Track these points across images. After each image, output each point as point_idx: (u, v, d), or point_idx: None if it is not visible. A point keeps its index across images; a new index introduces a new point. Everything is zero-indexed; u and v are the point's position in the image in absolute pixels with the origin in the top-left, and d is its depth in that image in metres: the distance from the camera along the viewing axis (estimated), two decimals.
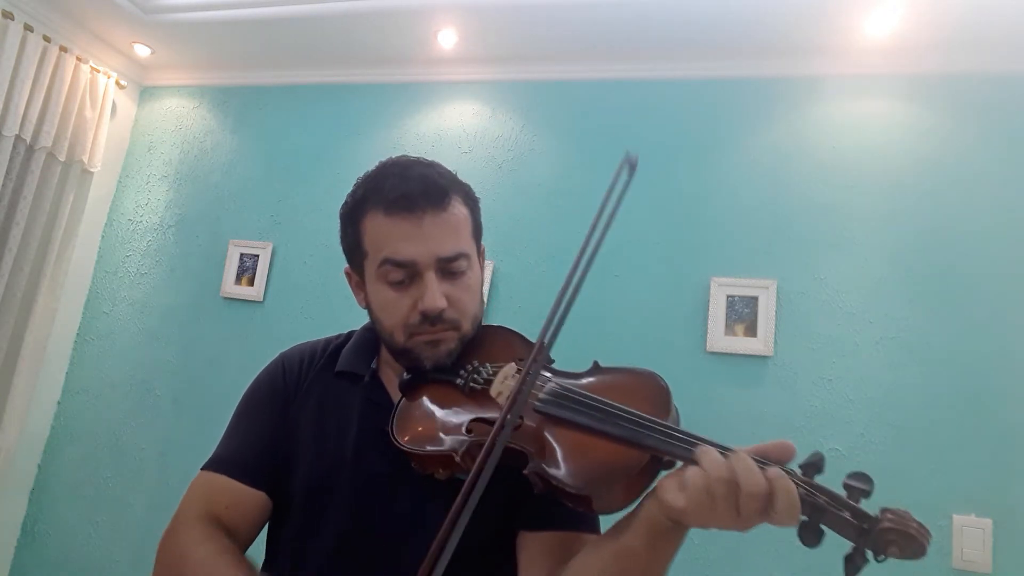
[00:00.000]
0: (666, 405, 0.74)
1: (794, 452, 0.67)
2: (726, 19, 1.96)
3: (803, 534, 0.62)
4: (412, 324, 0.85)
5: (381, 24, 2.24)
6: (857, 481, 0.62)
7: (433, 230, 0.85)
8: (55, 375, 2.61)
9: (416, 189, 0.86)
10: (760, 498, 0.61)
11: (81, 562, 2.42)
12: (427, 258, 0.84)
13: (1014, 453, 1.66)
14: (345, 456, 0.88)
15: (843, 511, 0.61)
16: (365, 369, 0.95)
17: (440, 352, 0.86)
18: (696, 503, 0.63)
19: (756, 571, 1.77)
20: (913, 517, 0.60)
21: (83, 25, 2.53)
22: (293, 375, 0.98)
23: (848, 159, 1.95)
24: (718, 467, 0.63)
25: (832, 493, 0.62)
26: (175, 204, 2.68)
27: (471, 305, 0.89)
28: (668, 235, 2.06)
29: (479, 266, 0.93)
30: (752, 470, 0.62)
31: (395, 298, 0.86)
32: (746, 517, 0.62)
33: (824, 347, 1.85)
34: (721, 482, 0.62)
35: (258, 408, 0.97)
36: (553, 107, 2.29)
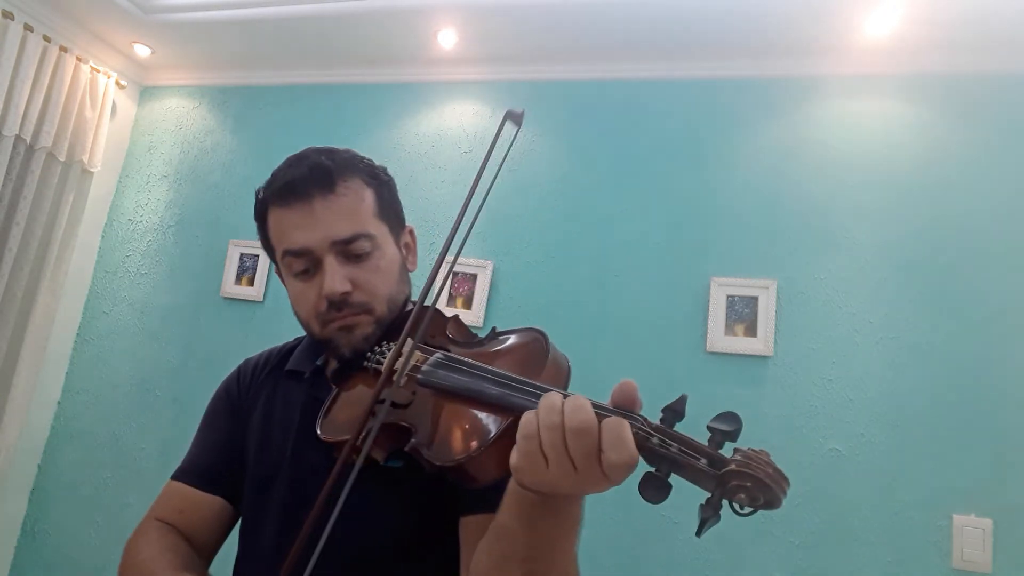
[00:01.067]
0: (540, 360, 0.70)
1: (633, 387, 0.59)
2: (726, 19, 1.96)
3: (644, 488, 0.54)
4: (322, 312, 0.84)
5: (381, 24, 2.24)
6: (721, 422, 0.55)
7: (324, 214, 0.83)
8: (55, 375, 2.61)
9: (301, 175, 0.85)
10: (588, 437, 0.55)
11: (81, 562, 2.42)
12: (321, 243, 0.83)
13: (1014, 453, 1.66)
14: (286, 450, 0.89)
15: (699, 459, 0.54)
16: (308, 366, 0.95)
17: (355, 337, 0.85)
18: (524, 452, 0.57)
19: (756, 571, 1.77)
20: (771, 461, 0.52)
21: (83, 25, 2.53)
22: (246, 380, 1.01)
23: (848, 159, 1.95)
24: (548, 409, 0.57)
25: (687, 439, 0.56)
26: (175, 204, 2.68)
27: (382, 287, 0.86)
28: (668, 235, 2.06)
29: (394, 247, 0.91)
30: (581, 407, 0.56)
31: (303, 288, 0.86)
32: (582, 467, 0.55)
33: (824, 347, 1.85)
34: (546, 425, 0.56)
35: (214, 417, 1.01)
36: (553, 107, 2.29)
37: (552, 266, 2.13)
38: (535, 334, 0.76)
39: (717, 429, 0.55)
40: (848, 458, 1.76)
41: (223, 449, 0.96)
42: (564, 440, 0.55)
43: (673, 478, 0.56)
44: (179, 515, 0.91)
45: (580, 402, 0.57)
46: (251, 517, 0.91)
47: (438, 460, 0.65)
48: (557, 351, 0.73)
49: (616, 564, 1.85)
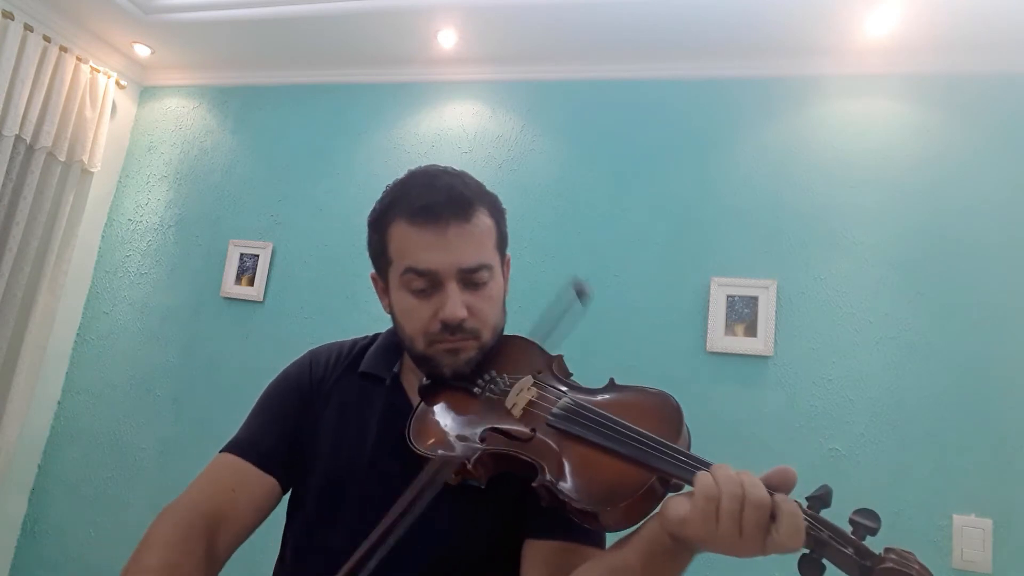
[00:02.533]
0: (677, 426, 0.74)
1: (795, 476, 0.66)
2: (726, 19, 1.96)
3: (803, 567, 0.62)
4: (432, 332, 0.87)
5: (381, 24, 2.24)
6: (863, 518, 0.63)
7: (456, 241, 0.86)
8: (55, 375, 2.61)
9: (441, 199, 0.87)
10: (763, 511, 0.61)
11: (81, 562, 2.42)
12: (449, 268, 0.85)
13: (1014, 453, 1.67)
14: (362, 457, 0.90)
15: (847, 547, 0.61)
16: (387, 372, 0.96)
17: (459, 361, 0.87)
18: (701, 511, 0.63)
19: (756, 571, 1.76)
20: (916, 559, 0.59)
21: (83, 25, 2.53)
22: (319, 372, 1.00)
23: (848, 159, 1.95)
24: (727, 478, 0.63)
25: (837, 528, 0.62)
26: (175, 204, 2.68)
27: (492, 316, 0.90)
28: (668, 235, 2.06)
29: (502, 276, 0.95)
30: (757, 484, 0.63)
31: (416, 306, 0.87)
32: (748, 535, 0.62)
33: (824, 347, 1.85)
34: (728, 494, 0.62)
35: (281, 399, 0.99)
36: (553, 107, 2.29)
37: (552, 266, 2.13)
38: (670, 399, 0.79)
39: (860, 523, 0.62)
40: (848, 458, 1.76)
41: (285, 435, 0.95)
42: (742, 510, 0.62)
43: None
44: (231, 493, 0.90)
45: (755, 479, 0.64)
46: (317, 516, 0.91)
47: (577, 503, 0.69)
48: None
49: None
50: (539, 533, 0.83)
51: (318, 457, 0.93)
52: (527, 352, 0.92)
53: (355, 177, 2.44)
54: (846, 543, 0.61)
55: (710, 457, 0.68)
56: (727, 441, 1.83)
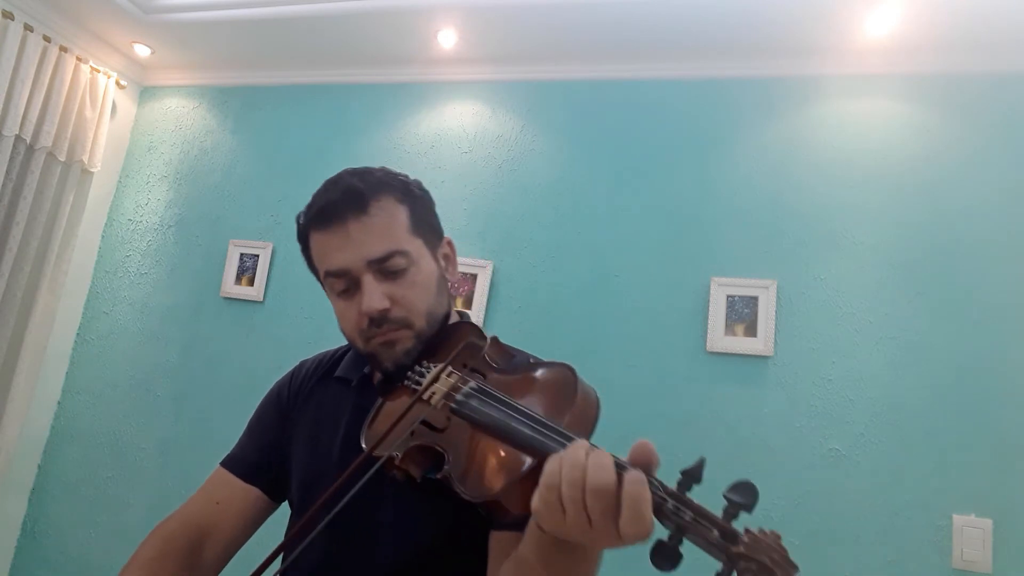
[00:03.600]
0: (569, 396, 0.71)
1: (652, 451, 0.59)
2: (726, 19, 1.96)
3: (655, 553, 0.54)
4: (364, 329, 0.88)
5: (381, 24, 2.24)
6: (737, 494, 0.54)
7: (358, 235, 0.87)
8: (55, 375, 2.61)
9: (336, 198, 0.88)
10: (606, 499, 0.56)
11: (81, 562, 2.42)
12: (358, 263, 0.86)
13: (1014, 453, 1.66)
14: (331, 457, 0.92)
15: (712, 529, 0.53)
16: (355, 374, 0.98)
17: (397, 353, 0.88)
18: (544, 499, 0.59)
19: None
20: (778, 545, 0.52)
21: (83, 25, 2.53)
22: (298, 382, 1.05)
23: (848, 159, 1.95)
24: (568, 465, 0.58)
25: (701, 508, 0.55)
26: (175, 204, 2.68)
27: (420, 302, 0.89)
28: (668, 235, 2.06)
29: (431, 261, 0.93)
30: (603, 467, 0.57)
31: (345, 307, 0.90)
32: (597, 525, 0.56)
33: (824, 347, 1.85)
34: (568, 480, 0.57)
35: (265, 414, 1.05)
36: (553, 107, 2.29)
37: (552, 266, 2.13)
38: (565, 371, 0.76)
39: (732, 500, 0.54)
40: (848, 458, 1.76)
41: (267, 446, 1.00)
42: (584, 498, 0.56)
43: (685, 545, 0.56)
44: (216, 506, 0.96)
45: (603, 461, 0.57)
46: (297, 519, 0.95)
47: (467, 494, 0.67)
48: (586, 387, 0.74)
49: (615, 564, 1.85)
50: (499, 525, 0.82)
51: (297, 462, 0.97)
52: (462, 337, 0.89)
53: None
54: (712, 524, 0.53)
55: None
56: (727, 441, 1.83)
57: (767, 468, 1.79)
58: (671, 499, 0.56)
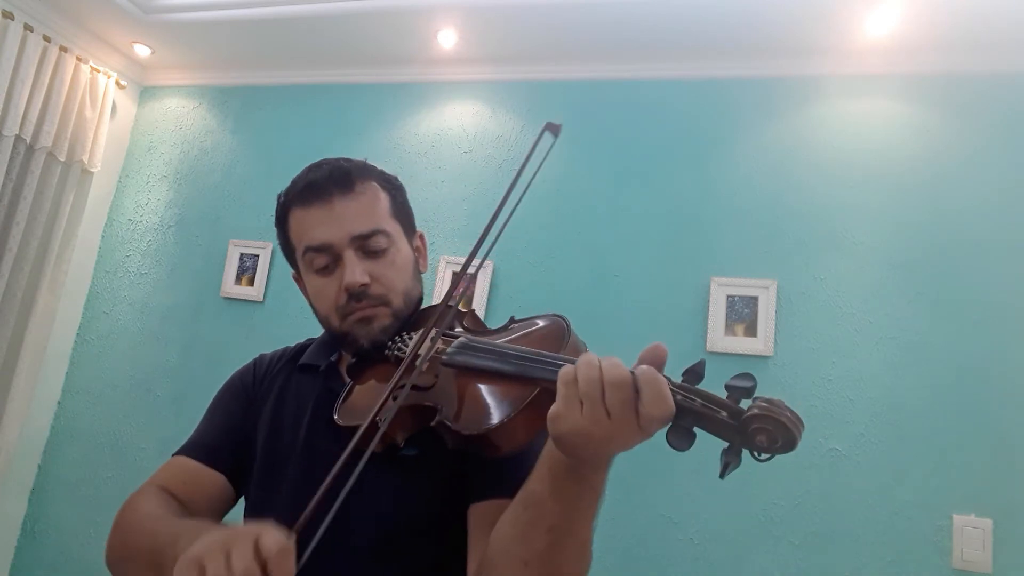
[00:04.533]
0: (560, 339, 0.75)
1: (665, 352, 0.65)
2: (726, 19, 1.96)
3: (671, 435, 0.60)
4: (342, 305, 0.88)
5: (381, 24, 2.24)
6: (740, 380, 0.61)
7: (344, 211, 0.89)
8: (55, 375, 2.61)
9: (322, 176, 0.91)
10: (623, 388, 0.59)
11: (81, 562, 2.42)
12: (341, 238, 0.88)
13: (1014, 453, 1.66)
14: (297, 438, 0.92)
15: (720, 411, 0.59)
16: (323, 360, 0.99)
17: (374, 329, 0.88)
18: (564, 399, 0.61)
19: (756, 571, 1.77)
20: (787, 406, 0.58)
21: (83, 25, 2.53)
22: (261, 372, 1.05)
23: (848, 159, 1.95)
24: (583, 365, 0.62)
25: (708, 394, 0.61)
26: (175, 204, 2.68)
27: (398, 281, 0.91)
28: (668, 235, 2.06)
29: (407, 247, 0.95)
30: (615, 364, 0.61)
31: (323, 284, 0.90)
32: (616, 416, 0.60)
33: (824, 347, 1.85)
34: (585, 378, 0.60)
35: (225, 400, 1.05)
36: (553, 107, 2.29)
37: (552, 266, 2.13)
38: (557, 318, 0.80)
39: (735, 386, 0.61)
40: (848, 458, 1.76)
41: (230, 430, 0.99)
42: (602, 391, 0.60)
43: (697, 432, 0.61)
44: (182, 486, 0.94)
45: (614, 360, 0.62)
46: (259, 500, 0.94)
47: (466, 430, 0.69)
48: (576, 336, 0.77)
49: (615, 564, 1.85)
50: (480, 495, 0.82)
51: (259, 446, 0.96)
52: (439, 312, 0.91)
53: None
54: (719, 407, 0.59)
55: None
56: None
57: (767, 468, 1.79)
58: (680, 391, 0.61)
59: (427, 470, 0.84)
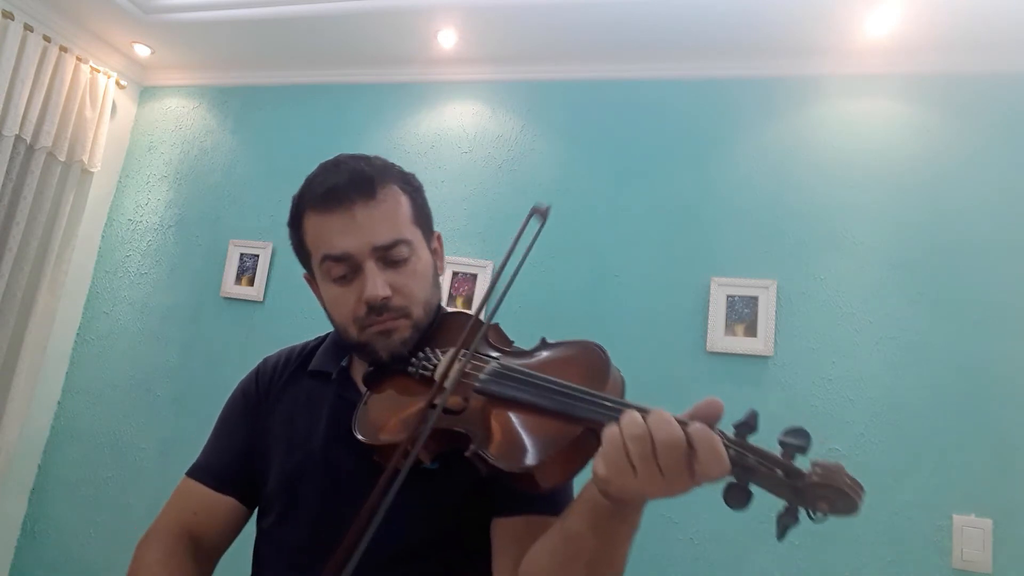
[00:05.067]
0: (604, 375, 0.72)
1: (721, 408, 0.63)
2: (726, 19, 1.96)
3: (728, 496, 0.59)
4: (360, 317, 0.86)
5: (381, 24, 2.24)
6: (792, 437, 0.59)
7: (365, 220, 0.85)
8: (55, 375, 2.61)
9: (343, 182, 0.86)
10: (677, 448, 0.58)
11: (81, 562, 2.42)
12: (362, 248, 0.84)
13: (1014, 453, 1.66)
14: (314, 451, 0.90)
15: (775, 469, 0.58)
16: (334, 367, 0.96)
17: (394, 341, 0.86)
18: (614, 464, 0.60)
19: (756, 571, 1.77)
20: (846, 472, 0.57)
21: (83, 25, 2.53)
22: (265, 380, 1.01)
23: (848, 159, 1.95)
24: (631, 423, 0.60)
25: (763, 451, 0.59)
26: (175, 204, 2.68)
27: (419, 291, 0.88)
28: (668, 235, 2.06)
29: (427, 252, 0.92)
30: (666, 421, 0.60)
31: (341, 293, 0.87)
32: (670, 476, 0.59)
33: (824, 347, 1.85)
34: (635, 438, 0.59)
35: (232, 417, 1.01)
36: (553, 107, 2.29)
37: (552, 266, 2.13)
38: (595, 347, 0.77)
39: (789, 443, 0.59)
40: (848, 458, 1.76)
41: (238, 452, 0.97)
42: (654, 452, 0.59)
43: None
44: (193, 517, 0.93)
45: (664, 416, 0.60)
46: (277, 516, 0.91)
47: (507, 466, 0.67)
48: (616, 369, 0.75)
49: None
50: (505, 511, 0.82)
51: (273, 460, 0.93)
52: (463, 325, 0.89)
53: None
54: (774, 465, 0.58)
55: None
56: None
57: None
58: (734, 446, 0.59)
59: (447, 484, 0.83)
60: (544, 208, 0.79)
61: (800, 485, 0.57)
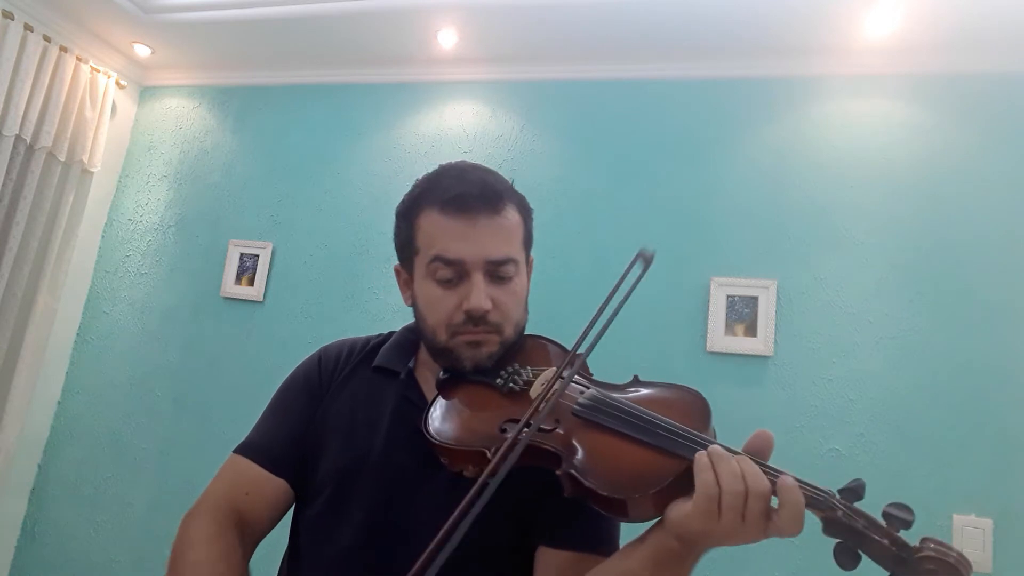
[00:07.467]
0: (705, 420, 0.75)
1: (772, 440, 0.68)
2: (726, 19, 1.96)
3: (840, 556, 0.63)
4: (455, 323, 0.87)
5: (381, 24, 2.24)
6: (898, 511, 0.63)
7: (485, 232, 0.87)
8: (55, 375, 2.61)
9: (473, 191, 0.87)
10: (764, 498, 0.62)
11: (81, 562, 2.42)
12: (477, 259, 0.86)
13: (1014, 453, 1.67)
14: (374, 448, 0.90)
15: (882, 538, 0.61)
16: (402, 367, 0.96)
17: (481, 354, 0.87)
18: (704, 513, 0.64)
19: (756, 571, 1.77)
20: (953, 547, 0.60)
21: (83, 25, 2.53)
22: (329, 368, 1.00)
23: (848, 159, 1.95)
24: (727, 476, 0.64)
25: (871, 519, 0.63)
26: (175, 204, 2.68)
27: (515, 311, 0.90)
28: (668, 235, 2.06)
29: (527, 275, 0.95)
30: (759, 476, 0.64)
31: (442, 296, 0.88)
32: (750, 522, 0.63)
33: (824, 347, 1.85)
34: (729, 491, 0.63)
35: (292, 399, 0.99)
36: (553, 107, 2.29)
37: (552, 266, 2.13)
38: (698, 394, 0.80)
39: (895, 516, 0.62)
40: (848, 458, 1.76)
41: (296, 434, 0.95)
42: (744, 504, 0.63)
43: None
44: (245, 497, 0.91)
45: (753, 468, 0.65)
46: (324, 508, 0.91)
47: (602, 490, 0.69)
48: None
49: None
50: (554, 542, 0.83)
51: (328, 450, 0.93)
52: (546, 348, 0.93)
53: (355, 177, 2.44)
54: (882, 534, 0.61)
55: None
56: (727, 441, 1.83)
57: None
58: (843, 507, 0.63)
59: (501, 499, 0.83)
60: (650, 254, 0.84)
61: (907, 557, 0.60)
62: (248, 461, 0.93)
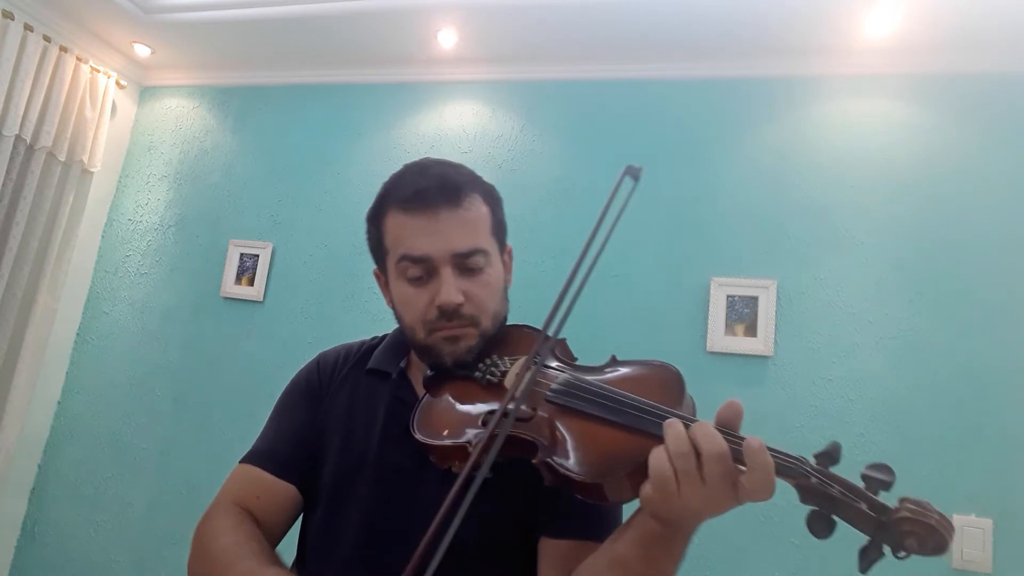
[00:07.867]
0: (679, 394, 0.74)
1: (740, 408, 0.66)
2: (726, 19, 1.96)
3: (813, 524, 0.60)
4: (430, 320, 0.87)
5: (381, 24, 2.24)
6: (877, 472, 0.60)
7: (448, 226, 0.86)
8: (55, 375, 2.61)
9: (432, 185, 0.87)
10: (722, 461, 0.60)
11: (81, 562, 2.42)
12: (442, 253, 0.86)
13: (1014, 453, 1.67)
14: (370, 449, 0.91)
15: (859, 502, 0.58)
16: (393, 367, 0.97)
17: (459, 348, 0.87)
18: (656, 473, 0.62)
19: (756, 571, 1.77)
20: (934, 507, 0.57)
21: (83, 25, 2.53)
22: (327, 372, 1.01)
23: (848, 159, 1.95)
24: (676, 436, 0.62)
25: (847, 483, 0.60)
26: (175, 204, 2.68)
27: (490, 302, 0.89)
28: (668, 235, 2.06)
29: (501, 265, 0.95)
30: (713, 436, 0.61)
31: (414, 294, 0.88)
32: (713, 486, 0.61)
33: (824, 347, 1.85)
34: (677, 453, 0.61)
35: (293, 405, 1.00)
36: (553, 107, 2.29)
37: (552, 266, 2.13)
38: (669, 367, 0.78)
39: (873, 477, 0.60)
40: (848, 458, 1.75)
41: (301, 438, 0.96)
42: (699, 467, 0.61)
43: None
44: (256, 501, 0.91)
45: (709, 430, 0.62)
46: (327, 510, 0.92)
47: (577, 476, 0.68)
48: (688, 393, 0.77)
49: None
50: (555, 532, 0.84)
51: (329, 453, 0.94)
52: (529, 337, 0.92)
53: (355, 177, 2.44)
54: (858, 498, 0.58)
55: None
56: None
57: None
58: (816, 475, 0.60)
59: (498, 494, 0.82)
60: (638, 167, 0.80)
61: (885, 520, 0.57)
62: (255, 468, 0.94)
